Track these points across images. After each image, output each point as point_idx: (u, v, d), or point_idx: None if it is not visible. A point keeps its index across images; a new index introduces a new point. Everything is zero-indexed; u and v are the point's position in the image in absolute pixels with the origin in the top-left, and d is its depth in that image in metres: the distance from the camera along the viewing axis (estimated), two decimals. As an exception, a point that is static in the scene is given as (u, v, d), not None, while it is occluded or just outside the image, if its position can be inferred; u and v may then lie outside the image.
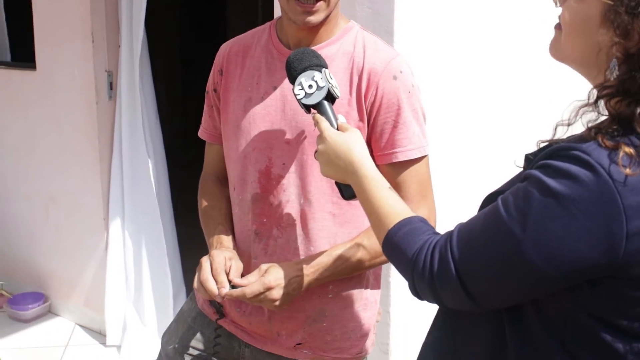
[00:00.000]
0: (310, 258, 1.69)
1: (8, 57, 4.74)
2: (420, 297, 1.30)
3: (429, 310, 2.98)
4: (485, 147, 3.14)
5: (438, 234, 1.29)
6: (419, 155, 1.68)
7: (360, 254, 1.69)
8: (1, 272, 4.56)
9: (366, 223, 1.76)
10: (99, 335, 4.15)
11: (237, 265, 1.68)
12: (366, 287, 1.82)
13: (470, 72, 2.99)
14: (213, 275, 1.63)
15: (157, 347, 2.05)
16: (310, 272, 1.67)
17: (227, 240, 1.79)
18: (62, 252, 4.28)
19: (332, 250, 1.70)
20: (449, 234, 1.24)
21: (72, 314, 4.33)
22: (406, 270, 1.29)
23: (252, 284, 1.62)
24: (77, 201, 4.09)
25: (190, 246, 3.92)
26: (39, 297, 4.39)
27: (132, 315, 3.94)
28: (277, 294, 1.62)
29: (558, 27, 1.23)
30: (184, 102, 8.18)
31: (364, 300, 1.81)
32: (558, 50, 1.24)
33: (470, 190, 2.83)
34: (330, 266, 1.68)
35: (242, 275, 1.68)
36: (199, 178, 1.98)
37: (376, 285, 1.87)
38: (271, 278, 1.62)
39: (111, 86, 3.81)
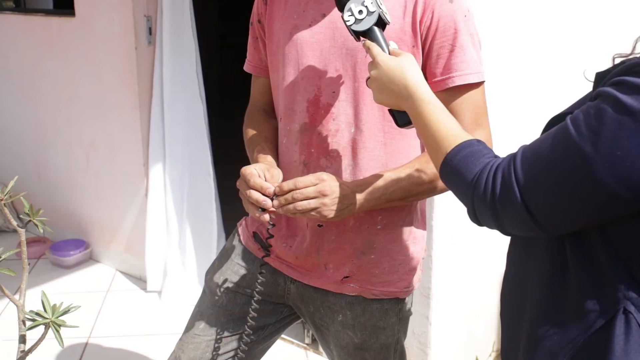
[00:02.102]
0: (362, 179, 1.65)
1: (50, 5, 4.75)
2: (480, 223, 1.26)
3: (470, 255, 2.97)
4: (544, 79, 3.08)
5: (499, 157, 1.25)
6: (477, 80, 1.63)
7: (416, 177, 1.65)
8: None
9: (416, 153, 1.73)
10: (140, 281, 4.20)
11: (272, 173, 1.62)
12: (415, 221, 1.79)
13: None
14: (252, 187, 1.57)
15: (197, 293, 2.05)
16: (362, 186, 1.62)
17: (264, 157, 1.74)
18: (102, 198, 4.32)
19: (385, 173, 1.65)
20: (512, 155, 1.19)
21: (113, 261, 4.38)
22: (465, 194, 1.24)
23: (306, 177, 1.56)
24: (117, 147, 4.10)
25: (228, 196, 3.92)
26: (80, 243, 4.45)
27: (173, 261, 3.96)
28: (329, 188, 1.55)
29: None
30: (220, 53, 8.14)
31: (413, 234, 1.78)
32: None
33: (526, 121, 2.77)
34: (382, 187, 1.63)
35: None
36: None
37: (423, 221, 1.84)
38: (324, 174, 1.57)
39: (150, 31, 3.78)
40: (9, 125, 4.79)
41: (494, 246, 2.73)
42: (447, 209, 2.72)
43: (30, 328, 1.49)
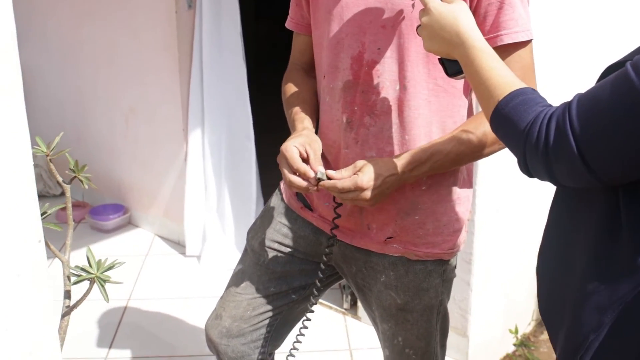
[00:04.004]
0: (407, 154, 1.63)
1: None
2: (531, 174, 1.23)
3: (513, 221, 2.93)
4: (599, 29, 3.01)
5: (553, 106, 1.21)
6: (525, 38, 1.58)
7: (460, 148, 1.62)
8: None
9: (461, 112, 1.70)
10: (178, 245, 4.21)
11: (313, 148, 1.64)
12: (460, 182, 1.76)
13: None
14: (294, 169, 1.60)
15: (236, 258, 2.04)
16: (406, 169, 1.61)
17: (301, 123, 1.75)
18: (141, 163, 4.33)
19: (429, 145, 1.63)
20: (567, 103, 1.16)
21: (152, 225, 4.40)
22: (517, 143, 1.21)
23: (344, 179, 1.58)
24: (157, 112, 4.10)
25: (263, 164, 3.93)
26: (119, 208, 4.48)
27: (212, 226, 3.97)
28: (369, 194, 1.57)
29: None
30: (256, 24, 8.08)
31: (457, 195, 1.75)
32: None
33: (579, 73, 2.72)
34: (428, 161, 1.62)
35: (323, 156, 1.68)
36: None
37: (468, 182, 1.80)
38: (365, 178, 1.56)
39: (190, -5, 3.76)
40: (48, 90, 4.80)
41: (537, 213, 2.68)
42: (491, 175, 2.67)
43: (76, 283, 1.50)
